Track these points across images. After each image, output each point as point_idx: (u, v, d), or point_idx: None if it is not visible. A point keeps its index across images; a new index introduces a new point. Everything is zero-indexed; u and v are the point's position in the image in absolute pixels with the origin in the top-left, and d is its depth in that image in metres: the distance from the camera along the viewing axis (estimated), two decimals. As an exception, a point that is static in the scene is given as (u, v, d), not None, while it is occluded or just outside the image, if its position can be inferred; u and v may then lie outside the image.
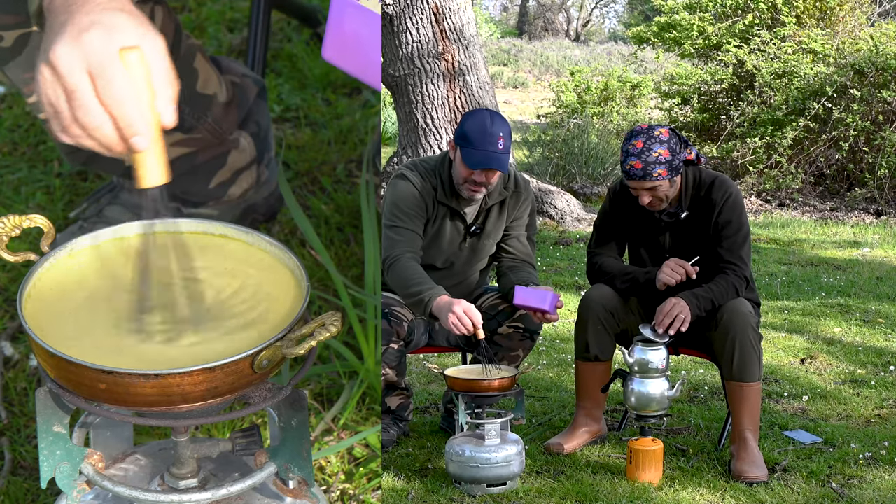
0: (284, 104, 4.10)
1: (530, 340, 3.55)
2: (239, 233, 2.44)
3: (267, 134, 3.59)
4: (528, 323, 3.53)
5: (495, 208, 3.57)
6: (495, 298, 3.60)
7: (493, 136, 3.31)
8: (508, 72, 22.20)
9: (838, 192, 10.33)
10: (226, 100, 3.34)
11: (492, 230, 3.58)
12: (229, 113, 3.35)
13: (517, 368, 3.50)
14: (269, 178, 3.60)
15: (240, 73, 3.50)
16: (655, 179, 3.31)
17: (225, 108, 3.33)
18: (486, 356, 3.36)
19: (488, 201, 3.53)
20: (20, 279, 2.45)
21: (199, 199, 3.44)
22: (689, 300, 3.34)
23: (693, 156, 3.43)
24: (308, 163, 3.85)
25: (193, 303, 2.28)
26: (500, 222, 3.59)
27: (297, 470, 2.34)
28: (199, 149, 3.33)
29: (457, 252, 3.57)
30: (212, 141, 3.33)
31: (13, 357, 3.16)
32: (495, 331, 3.54)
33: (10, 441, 2.93)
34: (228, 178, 3.43)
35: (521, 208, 3.61)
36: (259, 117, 3.56)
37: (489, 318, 3.53)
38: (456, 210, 3.50)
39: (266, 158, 3.58)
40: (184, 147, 3.31)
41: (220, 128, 3.31)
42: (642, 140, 3.31)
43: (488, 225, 3.57)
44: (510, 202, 3.58)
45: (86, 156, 3.30)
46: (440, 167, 3.50)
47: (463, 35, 8.05)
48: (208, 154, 3.36)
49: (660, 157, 3.30)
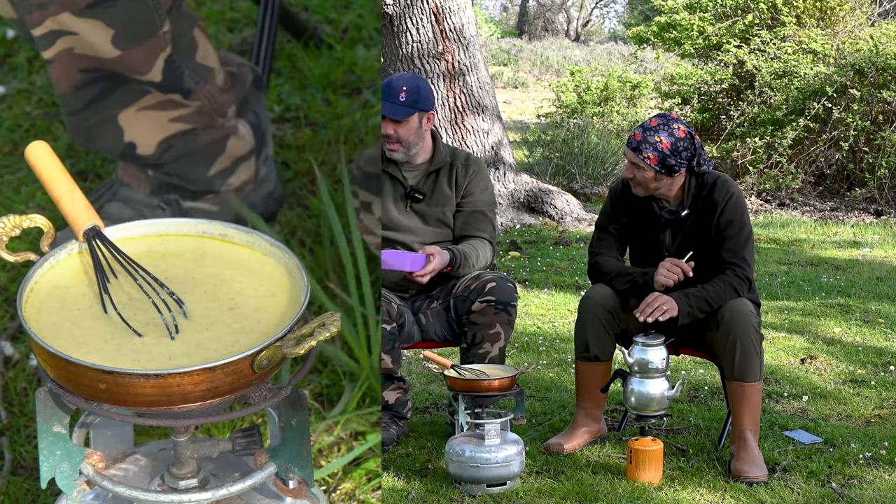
0: (284, 104, 4.10)
1: (505, 313, 3.56)
2: (239, 232, 2.44)
3: (265, 128, 3.60)
4: (500, 295, 3.56)
5: (443, 175, 3.72)
6: (468, 280, 3.64)
7: (395, 90, 3.60)
8: (508, 72, 22.20)
9: (838, 192, 10.33)
10: (223, 84, 3.38)
11: (439, 197, 3.71)
12: (227, 94, 3.42)
13: (502, 353, 3.56)
14: (268, 177, 3.60)
15: (236, 63, 3.53)
16: (642, 160, 3.34)
17: (223, 90, 3.37)
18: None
19: (431, 166, 3.72)
20: (20, 279, 2.45)
21: (198, 187, 3.45)
22: (679, 298, 3.35)
23: (703, 169, 3.43)
24: (308, 163, 3.85)
25: (194, 303, 2.28)
26: (449, 192, 3.72)
27: (297, 470, 2.34)
28: (197, 127, 3.35)
29: (405, 214, 3.70)
30: (210, 116, 3.36)
31: (13, 357, 3.16)
32: (470, 310, 3.57)
33: (10, 441, 2.92)
34: (228, 166, 3.45)
35: (472, 182, 3.73)
36: (257, 108, 3.58)
37: (463, 300, 3.59)
38: (393, 175, 3.71)
39: (264, 154, 3.59)
40: (182, 123, 3.33)
41: (217, 101, 3.35)
42: (658, 122, 3.38)
43: (436, 192, 3.71)
44: (459, 172, 3.73)
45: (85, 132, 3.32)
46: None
47: (463, 35, 8.05)
48: (208, 138, 3.38)
49: (659, 143, 3.32)
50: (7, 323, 3.25)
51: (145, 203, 3.47)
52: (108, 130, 3.31)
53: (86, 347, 2.15)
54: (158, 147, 3.35)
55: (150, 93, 3.28)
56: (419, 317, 3.67)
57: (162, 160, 3.38)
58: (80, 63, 3.16)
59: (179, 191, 3.46)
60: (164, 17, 3.15)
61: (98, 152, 3.64)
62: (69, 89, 3.22)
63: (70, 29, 3.06)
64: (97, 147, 3.38)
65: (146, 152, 3.35)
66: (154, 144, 3.35)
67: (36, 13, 3.03)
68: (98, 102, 3.26)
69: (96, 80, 3.22)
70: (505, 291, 3.57)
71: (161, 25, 3.15)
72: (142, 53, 3.16)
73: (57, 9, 3.02)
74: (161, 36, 3.17)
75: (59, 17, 3.03)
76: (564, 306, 5.83)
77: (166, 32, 3.17)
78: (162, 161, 3.38)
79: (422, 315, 3.67)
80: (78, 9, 3.02)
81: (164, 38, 3.18)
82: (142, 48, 3.15)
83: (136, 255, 2.37)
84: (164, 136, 3.34)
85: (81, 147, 3.54)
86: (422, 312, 3.67)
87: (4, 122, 3.98)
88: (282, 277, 2.36)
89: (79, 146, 3.55)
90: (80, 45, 3.11)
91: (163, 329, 2.20)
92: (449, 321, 3.66)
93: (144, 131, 3.33)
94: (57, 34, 3.07)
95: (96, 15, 3.05)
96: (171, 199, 3.46)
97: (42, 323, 2.20)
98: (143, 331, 2.20)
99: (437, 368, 3.40)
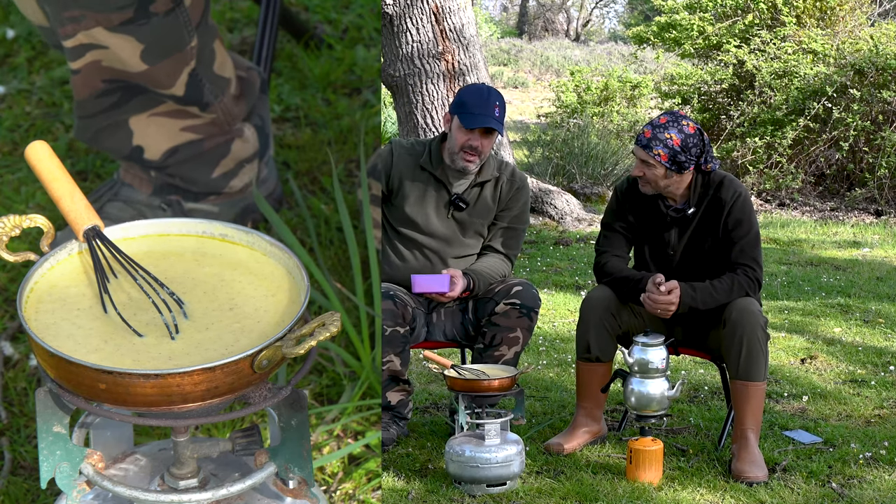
0: (284, 104, 4.10)
1: (527, 318, 3.57)
2: (239, 232, 2.44)
3: (268, 130, 3.60)
4: (525, 299, 3.57)
5: (488, 187, 3.66)
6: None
7: (490, 103, 3.51)
8: (508, 72, 22.19)
9: (838, 192, 10.33)
10: (236, 92, 3.38)
11: (482, 209, 3.67)
12: (239, 103, 3.41)
13: (517, 357, 3.56)
14: (268, 177, 3.60)
15: (245, 66, 3.54)
16: (653, 157, 3.35)
17: (235, 99, 3.37)
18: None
19: (479, 177, 3.64)
20: (20, 279, 2.45)
21: (200, 188, 3.45)
22: (685, 290, 3.35)
23: (710, 167, 3.43)
24: (308, 163, 3.85)
25: (194, 303, 2.28)
26: (492, 204, 3.68)
27: (297, 470, 2.34)
28: (205, 137, 3.36)
29: (445, 222, 3.65)
30: (221, 126, 3.36)
31: (13, 357, 3.16)
32: (493, 311, 3.57)
33: (10, 441, 2.93)
34: (232, 168, 3.45)
35: (513, 198, 3.70)
36: (262, 111, 3.58)
37: (485, 301, 3.59)
38: (440, 179, 3.63)
39: (266, 156, 3.59)
40: (192, 133, 3.33)
41: (231, 113, 3.36)
42: (668, 119, 3.38)
43: (479, 203, 3.66)
44: (504, 186, 3.69)
45: (94, 133, 3.32)
46: (431, 141, 3.69)
47: (463, 35, 8.05)
48: (213, 142, 3.38)
49: (669, 140, 3.32)
50: (7, 323, 3.25)
51: (146, 203, 3.46)
52: (117, 133, 3.32)
53: (86, 347, 2.15)
54: (165, 153, 3.35)
55: (166, 101, 3.28)
56: (431, 316, 3.67)
57: (167, 164, 3.38)
58: (105, 74, 3.16)
59: (181, 192, 3.46)
60: (193, 32, 3.16)
61: (102, 152, 3.64)
62: (87, 97, 3.23)
63: (101, 43, 3.07)
64: (103, 147, 3.38)
65: (153, 157, 3.35)
66: (162, 151, 3.35)
67: (69, 25, 3.03)
68: (113, 110, 3.26)
69: (115, 90, 3.23)
70: (530, 296, 3.59)
71: (189, 41, 3.16)
72: (168, 68, 3.17)
73: (91, 23, 3.02)
74: (188, 51, 3.17)
75: (92, 31, 3.04)
76: (564, 306, 5.83)
77: (193, 47, 3.17)
78: (166, 164, 3.38)
79: (434, 314, 3.67)
80: (112, 25, 3.03)
81: (191, 52, 3.18)
82: (168, 62, 3.16)
83: (137, 255, 2.37)
84: (172, 143, 3.34)
85: (87, 145, 3.54)
86: (435, 311, 3.67)
87: (4, 122, 3.98)
88: (282, 277, 2.36)
89: (83, 144, 3.55)
90: (109, 58, 3.11)
91: (163, 329, 2.20)
92: (464, 322, 3.66)
93: (154, 137, 3.33)
94: (87, 47, 3.08)
95: (129, 31, 3.05)
96: (172, 199, 3.46)
97: (42, 323, 2.20)
98: (143, 331, 2.20)
99: (437, 368, 3.40)
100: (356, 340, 3.11)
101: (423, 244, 3.64)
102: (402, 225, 3.64)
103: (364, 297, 3.20)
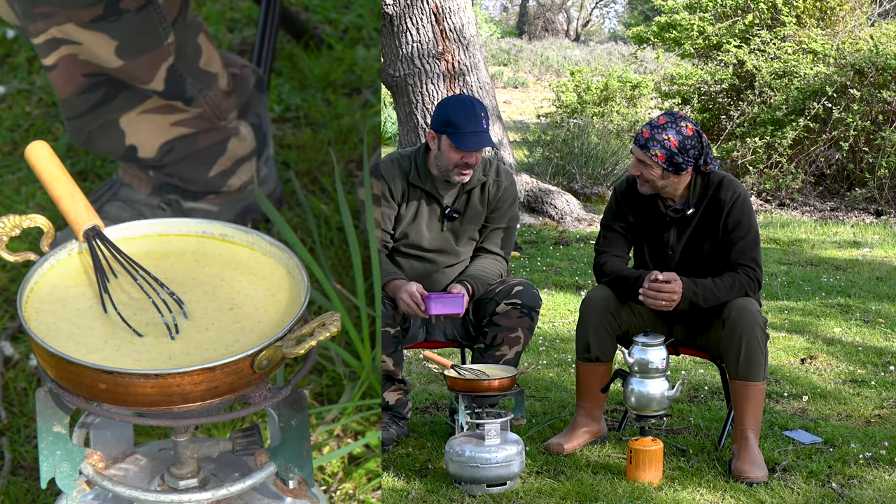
0: (284, 104, 4.10)
1: (528, 318, 3.57)
2: (239, 232, 2.44)
3: (266, 129, 3.60)
4: (526, 299, 3.56)
5: (476, 192, 3.65)
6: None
7: (478, 117, 3.48)
8: (508, 72, 22.20)
9: (838, 192, 10.33)
10: (226, 88, 3.37)
11: (473, 215, 3.66)
12: (229, 98, 3.41)
13: (518, 357, 3.55)
14: (268, 177, 3.60)
15: (239, 65, 3.54)
16: (650, 157, 3.34)
17: (225, 94, 3.37)
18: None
19: (466, 185, 3.63)
20: (20, 279, 2.45)
21: (198, 187, 3.45)
22: (687, 286, 3.35)
23: (709, 168, 3.43)
24: (308, 163, 3.85)
25: (194, 303, 2.28)
26: (481, 208, 3.66)
27: (297, 470, 2.34)
28: (199, 131, 3.35)
29: (438, 236, 3.64)
30: (212, 121, 3.36)
31: (13, 357, 3.16)
32: (494, 311, 3.57)
33: (10, 441, 2.93)
34: (229, 167, 3.45)
35: (501, 198, 3.68)
36: (259, 109, 3.58)
37: (486, 301, 3.58)
38: (431, 193, 3.61)
39: (265, 155, 3.59)
40: (183, 127, 3.33)
41: (220, 107, 3.35)
42: (666, 119, 3.38)
43: (469, 209, 3.64)
44: (491, 189, 3.67)
45: (86, 135, 3.32)
46: (415, 154, 3.63)
47: (463, 35, 8.05)
48: (209, 139, 3.38)
49: (667, 141, 3.32)
50: (7, 323, 3.25)
51: (146, 203, 3.47)
52: (109, 134, 3.31)
53: (86, 347, 2.15)
54: (160, 150, 3.35)
55: (152, 97, 3.28)
56: (431, 316, 3.65)
57: (163, 162, 3.38)
58: (84, 68, 3.16)
59: (180, 191, 3.46)
60: (169, 29, 3.15)
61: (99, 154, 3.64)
62: (71, 94, 3.22)
63: (73, 39, 3.06)
64: (98, 150, 3.38)
65: (147, 155, 3.36)
66: (155, 147, 3.35)
67: (40, 22, 3.03)
68: (100, 107, 3.26)
69: (99, 85, 3.22)
70: (530, 296, 3.59)
71: (165, 37, 3.15)
72: (144, 64, 3.16)
73: (62, 20, 3.02)
74: (165, 47, 3.16)
75: (64, 27, 3.03)
76: (564, 306, 5.83)
77: (170, 44, 3.17)
78: (163, 163, 3.39)
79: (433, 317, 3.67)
80: (83, 21, 3.02)
81: (168, 49, 3.17)
82: (144, 59, 3.15)
83: (137, 255, 2.37)
84: (165, 139, 3.34)
85: (82, 149, 3.54)
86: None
87: (4, 122, 3.98)
88: (282, 277, 2.36)
89: (79, 147, 3.55)
90: (84, 53, 3.11)
91: (163, 329, 2.20)
92: (465, 323, 3.67)
93: (146, 135, 3.33)
94: (60, 41, 3.07)
95: (101, 28, 3.04)
96: (171, 199, 3.46)
97: (42, 323, 2.20)
98: (143, 331, 2.20)
99: (437, 368, 3.40)
100: (356, 340, 3.12)
101: (418, 256, 3.64)
102: (399, 238, 3.63)
103: (364, 298, 3.20)
